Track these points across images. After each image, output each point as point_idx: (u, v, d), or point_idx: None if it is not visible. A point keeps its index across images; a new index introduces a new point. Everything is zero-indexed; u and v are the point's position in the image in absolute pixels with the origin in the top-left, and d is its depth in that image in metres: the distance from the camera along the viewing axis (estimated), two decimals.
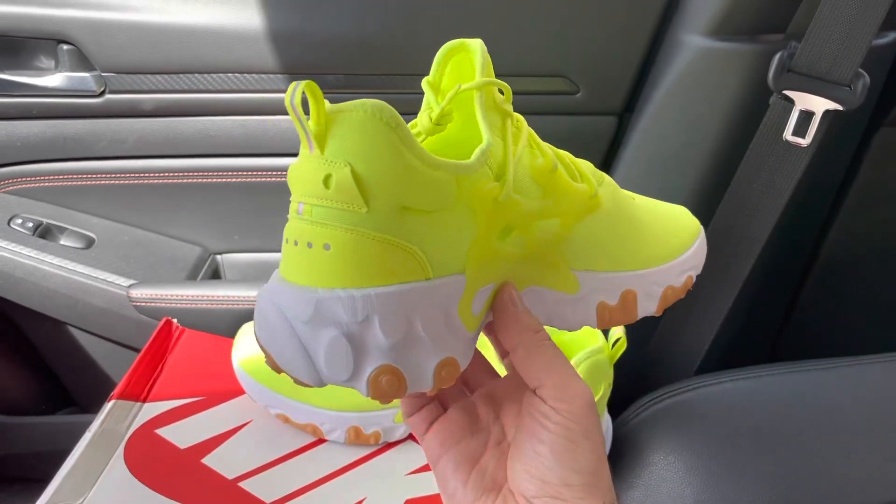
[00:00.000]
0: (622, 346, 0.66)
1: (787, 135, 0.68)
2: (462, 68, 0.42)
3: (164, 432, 0.64)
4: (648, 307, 0.47)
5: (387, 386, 0.35)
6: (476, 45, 0.41)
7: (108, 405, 0.64)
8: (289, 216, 0.36)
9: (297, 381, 0.35)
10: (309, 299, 0.33)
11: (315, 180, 0.34)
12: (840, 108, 0.66)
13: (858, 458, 0.63)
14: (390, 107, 0.34)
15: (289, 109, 0.33)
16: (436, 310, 0.36)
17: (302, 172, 0.35)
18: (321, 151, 0.33)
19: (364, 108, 0.34)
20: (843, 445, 0.64)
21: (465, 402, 0.44)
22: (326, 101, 0.34)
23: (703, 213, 0.78)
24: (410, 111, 0.85)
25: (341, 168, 0.33)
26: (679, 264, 0.49)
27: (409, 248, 0.35)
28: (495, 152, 0.39)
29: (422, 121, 0.41)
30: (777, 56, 0.67)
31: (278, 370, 0.36)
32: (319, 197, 0.34)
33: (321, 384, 0.35)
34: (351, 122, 0.34)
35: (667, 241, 0.49)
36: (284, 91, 0.83)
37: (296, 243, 0.35)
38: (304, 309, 0.34)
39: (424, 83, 0.42)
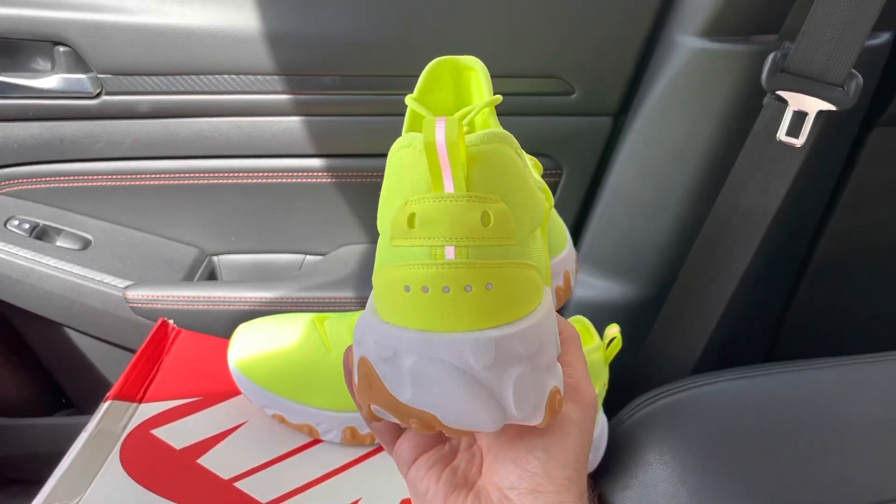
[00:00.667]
0: (617, 346, 0.67)
1: (781, 135, 0.68)
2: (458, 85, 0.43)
3: (160, 433, 0.64)
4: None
5: (558, 406, 0.35)
6: (478, 64, 0.42)
7: (104, 406, 0.64)
8: (416, 263, 0.33)
9: (459, 433, 0.34)
10: (488, 342, 0.32)
11: (470, 220, 0.32)
12: (833, 108, 0.66)
13: (853, 457, 0.64)
14: (508, 133, 0.34)
15: (431, 149, 0.31)
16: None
17: (447, 214, 0.32)
18: (466, 189, 0.32)
19: (498, 140, 0.33)
20: (837, 444, 0.64)
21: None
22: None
23: (698, 213, 0.79)
24: (404, 112, 0.86)
25: (496, 203, 0.33)
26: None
27: (538, 268, 0.35)
28: None
29: None
30: (771, 56, 0.67)
31: (433, 429, 0.34)
32: (476, 237, 0.32)
33: (498, 428, 0.34)
34: (491, 155, 0.33)
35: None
36: (282, 92, 0.84)
37: (446, 289, 0.32)
38: (485, 354, 0.32)
39: (419, 105, 0.40)
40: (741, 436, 0.66)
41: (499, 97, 0.38)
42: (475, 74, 0.42)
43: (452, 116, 0.31)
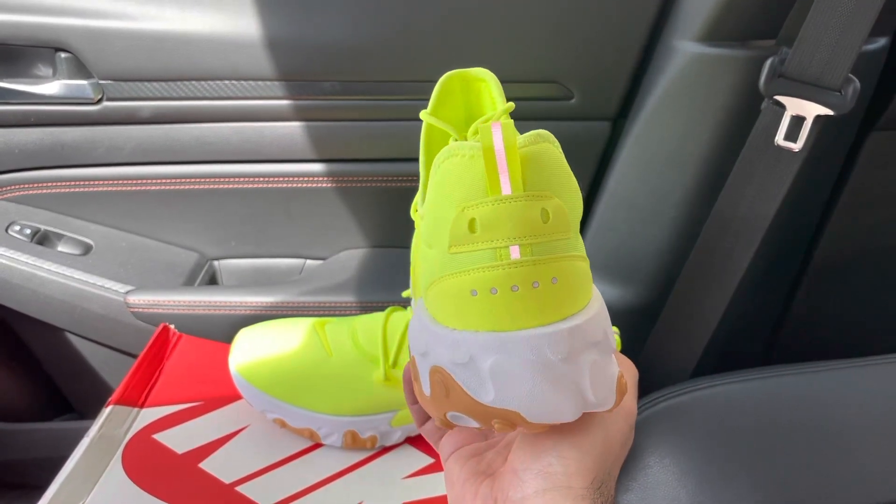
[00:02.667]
0: (617, 348, 0.67)
1: (779, 139, 0.68)
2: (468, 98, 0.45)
3: (162, 437, 0.64)
4: None
5: (624, 388, 0.37)
6: (488, 74, 0.44)
7: (106, 411, 0.64)
8: (481, 267, 0.34)
9: (540, 427, 0.35)
10: (562, 334, 0.33)
11: (530, 218, 0.33)
12: (831, 113, 0.67)
13: (853, 459, 0.64)
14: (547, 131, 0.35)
15: (489, 153, 0.32)
16: None
17: (508, 215, 0.33)
18: (523, 189, 0.33)
19: (545, 139, 0.34)
20: (838, 447, 0.65)
21: None
22: None
23: (697, 217, 0.79)
24: (406, 117, 0.86)
25: (552, 200, 0.34)
26: None
27: (587, 259, 0.37)
28: None
29: None
30: (768, 61, 0.67)
31: (514, 427, 0.35)
32: (538, 234, 0.33)
33: (577, 416, 0.35)
34: (541, 154, 0.34)
35: None
36: (282, 97, 0.84)
37: (514, 288, 0.33)
38: (561, 346, 0.34)
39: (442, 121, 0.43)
40: (741, 439, 0.66)
41: (511, 104, 0.39)
42: (485, 85, 0.43)
43: (507, 121, 0.33)
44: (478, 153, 0.33)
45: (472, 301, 0.34)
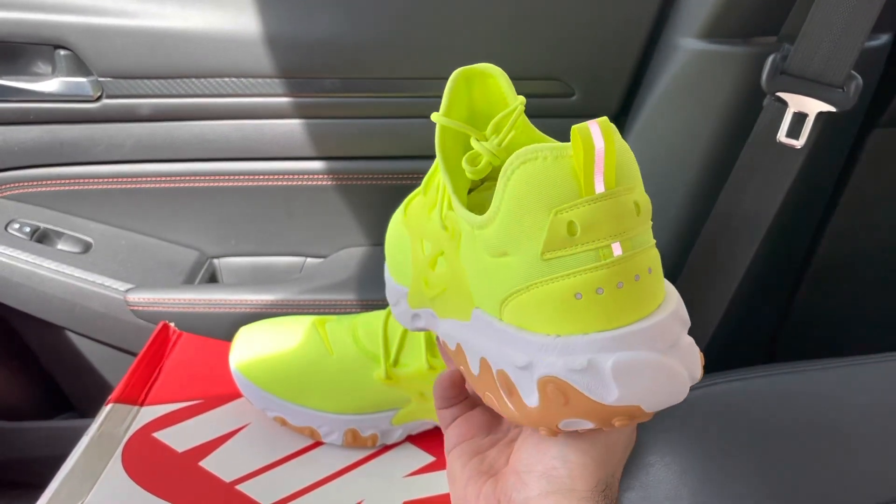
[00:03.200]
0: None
1: (781, 136, 0.68)
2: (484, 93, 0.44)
3: (162, 436, 0.64)
4: None
5: (702, 356, 0.37)
6: (496, 70, 0.43)
7: (106, 409, 0.64)
8: (584, 268, 0.33)
9: (650, 416, 0.35)
10: (667, 321, 0.34)
11: (627, 213, 0.33)
12: (833, 109, 0.66)
13: (853, 458, 0.64)
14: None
15: (589, 153, 0.31)
16: None
17: (608, 213, 0.33)
18: (613, 185, 0.32)
19: (616, 131, 0.33)
20: (838, 446, 0.64)
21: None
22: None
23: (698, 214, 0.79)
24: (406, 114, 0.86)
25: (637, 190, 0.34)
26: None
27: None
28: None
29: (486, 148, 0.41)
30: (770, 58, 0.67)
31: (634, 420, 0.35)
32: (633, 227, 0.33)
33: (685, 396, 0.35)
34: (621, 148, 0.33)
35: None
36: (282, 95, 0.84)
37: (620, 285, 0.33)
38: (670, 333, 0.34)
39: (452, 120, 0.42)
40: (742, 437, 0.66)
41: (523, 98, 0.41)
42: (492, 80, 0.43)
43: (602, 119, 0.32)
44: (563, 154, 0.32)
45: (577, 304, 0.33)
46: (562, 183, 0.32)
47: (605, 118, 0.32)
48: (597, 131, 0.31)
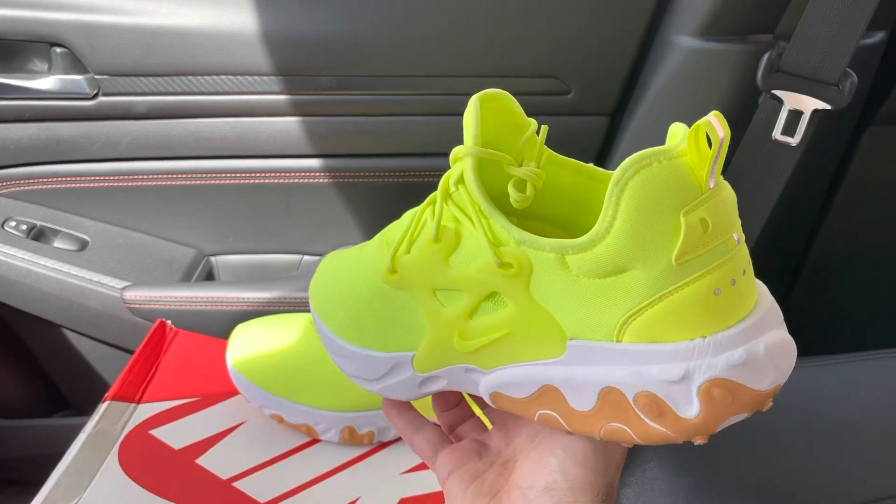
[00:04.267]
0: None
1: (777, 134, 0.68)
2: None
3: (159, 433, 0.64)
4: None
5: None
6: (506, 94, 0.39)
7: (103, 406, 0.64)
8: (719, 262, 0.33)
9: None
10: (781, 319, 0.36)
11: (733, 201, 0.34)
12: (828, 107, 0.66)
13: (850, 455, 0.64)
14: None
15: (715, 150, 0.31)
16: None
17: (727, 204, 0.33)
18: (718, 179, 0.32)
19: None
20: (834, 443, 0.65)
21: (479, 433, 0.46)
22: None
23: None
24: (404, 112, 0.86)
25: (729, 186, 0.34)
26: None
27: None
28: None
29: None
30: (766, 56, 0.67)
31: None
32: (737, 214, 0.34)
33: None
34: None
35: None
36: (279, 93, 0.84)
37: (745, 272, 0.33)
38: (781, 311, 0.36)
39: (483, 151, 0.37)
40: (738, 434, 0.66)
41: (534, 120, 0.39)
42: (504, 104, 0.39)
43: (715, 111, 0.31)
44: (674, 154, 0.32)
45: (717, 301, 0.33)
46: (683, 183, 0.32)
47: (717, 112, 0.31)
48: (717, 124, 0.30)
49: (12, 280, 0.89)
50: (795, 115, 0.68)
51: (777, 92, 0.67)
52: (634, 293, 0.33)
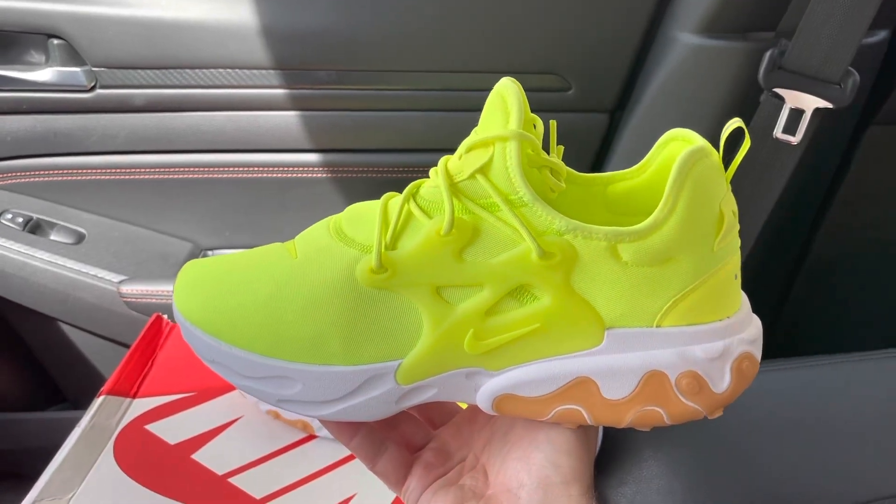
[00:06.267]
0: None
1: (778, 132, 0.68)
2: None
3: (154, 428, 0.64)
4: None
5: None
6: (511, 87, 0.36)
7: (98, 401, 0.64)
8: (734, 250, 0.36)
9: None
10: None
11: None
12: (830, 105, 0.66)
13: (849, 454, 0.64)
14: None
15: (743, 149, 0.35)
16: None
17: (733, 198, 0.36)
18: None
19: None
20: (834, 441, 0.64)
21: (435, 442, 0.44)
22: None
23: None
24: (402, 107, 0.86)
25: None
26: None
27: None
28: None
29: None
30: (768, 54, 0.67)
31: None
32: None
33: None
34: None
35: None
36: (277, 86, 0.83)
37: (735, 276, 0.37)
38: None
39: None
40: (737, 432, 0.66)
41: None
42: (521, 93, 0.36)
43: (735, 118, 0.35)
44: (713, 150, 0.34)
45: (734, 284, 0.36)
46: (720, 178, 0.34)
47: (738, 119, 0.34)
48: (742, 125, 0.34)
49: (8, 273, 0.88)
50: (797, 113, 0.67)
51: (779, 90, 0.67)
52: (680, 279, 0.34)
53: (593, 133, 0.87)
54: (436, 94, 0.85)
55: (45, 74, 0.84)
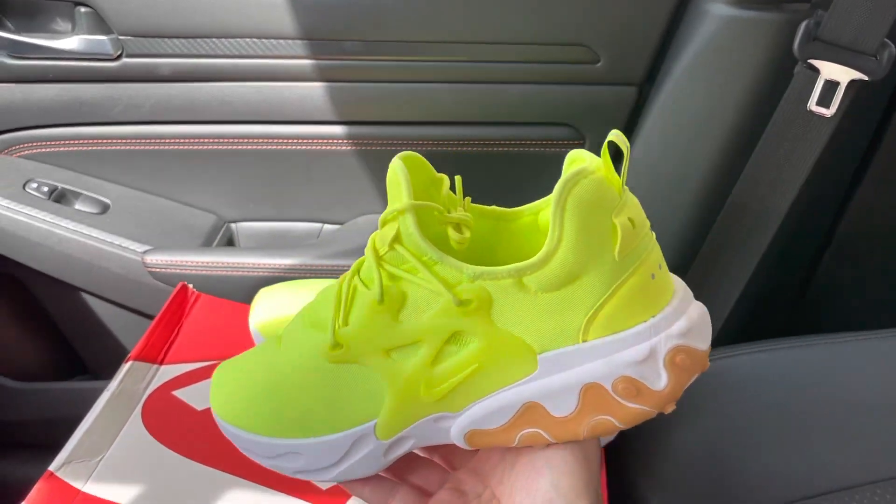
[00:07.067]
0: None
1: (812, 105, 0.67)
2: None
3: (181, 394, 0.64)
4: None
5: None
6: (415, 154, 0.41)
7: (126, 366, 0.64)
8: (647, 251, 0.38)
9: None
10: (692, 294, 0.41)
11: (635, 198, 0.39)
12: (865, 78, 0.65)
13: (875, 431, 0.63)
14: None
15: (627, 157, 0.36)
16: None
17: (639, 205, 0.38)
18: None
19: None
20: (859, 419, 0.64)
21: (451, 482, 0.45)
22: None
23: (723, 185, 0.78)
24: (429, 78, 0.85)
25: None
26: None
27: None
28: None
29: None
30: (804, 24, 0.66)
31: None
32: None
33: None
34: None
35: None
36: (303, 57, 0.83)
37: (660, 266, 0.38)
38: None
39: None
40: (761, 409, 0.66)
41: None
42: (419, 161, 0.40)
43: (615, 130, 0.36)
44: (597, 166, 0.35)
45: (653, 283, 0.37)
46: (606, 192, 0.35)
47: (616, 130, 0.35)
48: (621, 137, 0.35)
49: (34, 241, 0.88)
50: (831, 86, 0.67)
51: (813, 62, 0.66)
52: (591, 295, 0.36)
53: (621, 107, 0.86)
54: (463, 65, 0.84)
55: (71, 43, 0.84)
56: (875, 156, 0.83)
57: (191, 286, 0.75)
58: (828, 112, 0.67)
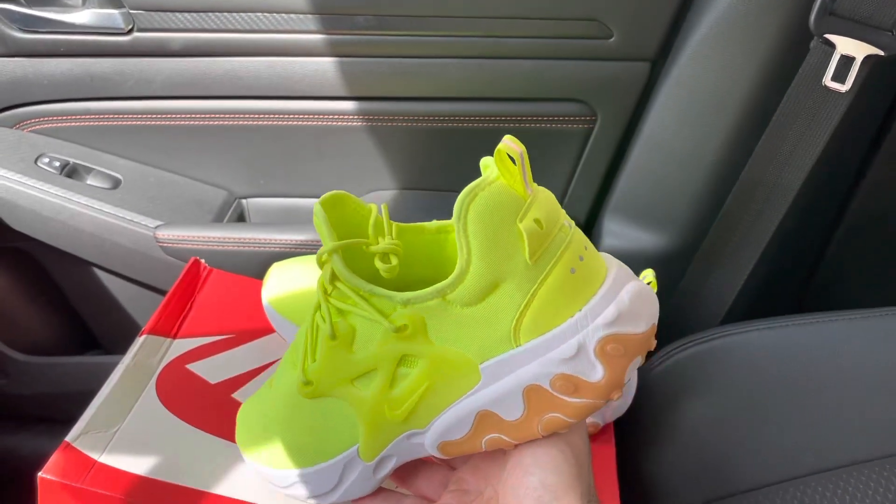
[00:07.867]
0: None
1: (827, 80, 0.67)
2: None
3: (195, 367, 0.64)
4: None
5: None
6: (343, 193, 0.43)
7: (140, 340, 0.64)
8: (562, 249, 0.38)
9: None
10: (632, 274, 0.41)
11: (550, 196, 0.40)
12: (881, 53, 0.65)
13: (884, 407, 0.63)
14: None
15: (520, 164, 0.36)
16: None
17: (546, 200, 0.39)
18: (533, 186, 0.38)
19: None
20: (868, 395, 0.64)
21: (454, 484, 0.46)
22: None
23: (737, 161, 0.78)
24: (441, 54, 0.85)
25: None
26: None
27: None
28: None
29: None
30: None
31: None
32: (557, 202, 0.40)
33: None
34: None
35: None
36: (314, 32, 0.83)
37: (586, 247, 0.39)
38: None
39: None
40: (771, 385, 0.66)
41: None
42: (347, 199, 0.43)
43: (507, 136, 0.36)
44: (493, 177, 0.37)
45: (574, 278, 0.38)
46: (507, 199, 0.37)
47: (510, 135, 0.36)
48: (511, 144, 0.35)
49: (46, 216, 0.89)
50: (847, 61, 0.66)
51: (829, 36, 0.66)
52: (512, 301, 0.38)
53: (634, 82, 0.85)
54: (475, 40, 0.84)
55: (82, 16, 0.84)
56: (888, 133, 0.82)
57: (203, 261, 0.75)
58: (843, 88, 0.67)
